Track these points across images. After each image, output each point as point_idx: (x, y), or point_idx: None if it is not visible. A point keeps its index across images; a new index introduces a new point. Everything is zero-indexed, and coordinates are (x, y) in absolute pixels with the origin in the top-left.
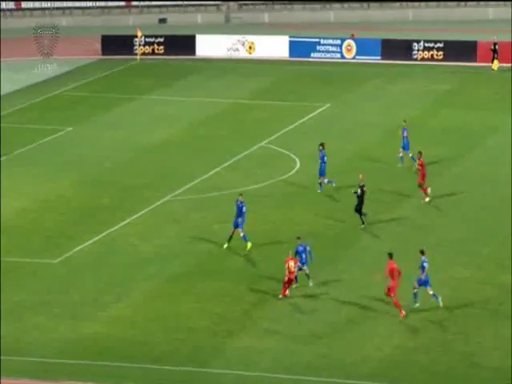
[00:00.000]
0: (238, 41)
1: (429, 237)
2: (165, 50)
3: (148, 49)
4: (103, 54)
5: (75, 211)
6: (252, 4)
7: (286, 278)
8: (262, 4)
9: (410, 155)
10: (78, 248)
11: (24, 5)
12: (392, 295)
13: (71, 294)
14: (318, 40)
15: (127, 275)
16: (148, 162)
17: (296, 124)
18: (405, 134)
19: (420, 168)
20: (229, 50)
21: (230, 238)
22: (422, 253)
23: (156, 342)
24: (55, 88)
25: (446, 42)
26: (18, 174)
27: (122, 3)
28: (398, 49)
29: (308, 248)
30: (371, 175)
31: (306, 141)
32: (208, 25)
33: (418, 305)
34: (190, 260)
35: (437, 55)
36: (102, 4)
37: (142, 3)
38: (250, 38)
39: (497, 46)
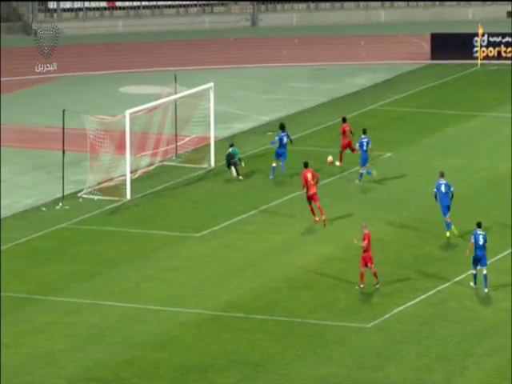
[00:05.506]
0: None
1: None
2: None
3: (492, 51)
4: (432, 57)
5: (393, 261)
6: None
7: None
8: None
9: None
10: (396, 310)
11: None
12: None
13: (388, 368)
14: None
15: (460, 347)
16: (490, 196)
17: None
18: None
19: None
20: None
21: None
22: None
23: None
24: (369, 102)
25: None
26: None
27: None
28: None
29: None
30: None
31: None
32: None
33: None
34: None
35: None
36: None
37: None
38: None
39: None
